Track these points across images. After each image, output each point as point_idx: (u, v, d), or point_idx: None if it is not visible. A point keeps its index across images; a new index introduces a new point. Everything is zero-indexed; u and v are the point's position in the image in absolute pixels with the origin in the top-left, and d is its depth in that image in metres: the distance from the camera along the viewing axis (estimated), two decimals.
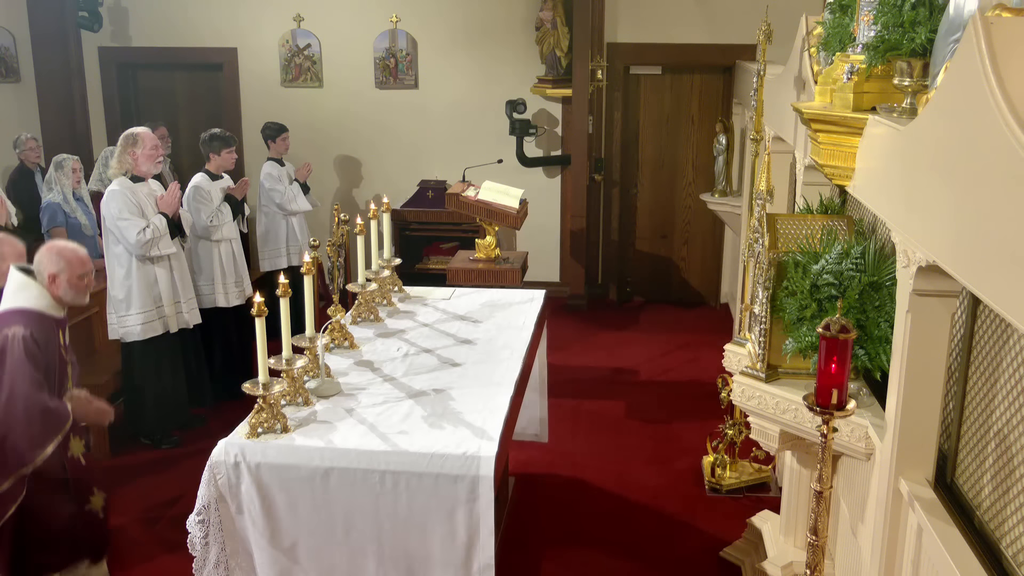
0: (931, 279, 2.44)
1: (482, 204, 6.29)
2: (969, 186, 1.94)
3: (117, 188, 5.34)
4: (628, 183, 8.71)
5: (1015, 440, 2.31)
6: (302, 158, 7.93)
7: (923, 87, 2.59)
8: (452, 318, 4.52)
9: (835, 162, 2.96)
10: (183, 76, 9.11)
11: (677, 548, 4.66)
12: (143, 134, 5.42)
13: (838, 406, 2.51)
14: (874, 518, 2.84)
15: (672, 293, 8.84)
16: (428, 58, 8.58)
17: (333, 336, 4.04)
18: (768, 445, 3.43)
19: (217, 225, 6.00)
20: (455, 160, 8.40)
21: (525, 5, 8.36)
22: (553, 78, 8.28)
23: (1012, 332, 2.36)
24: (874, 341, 3.02)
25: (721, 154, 7.80)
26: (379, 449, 3.14)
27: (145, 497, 5.08)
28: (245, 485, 3.19)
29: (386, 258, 4.72)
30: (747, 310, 4.13)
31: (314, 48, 8.67)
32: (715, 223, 8.43)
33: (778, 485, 5.05)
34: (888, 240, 3.01)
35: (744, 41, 7.62)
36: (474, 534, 3.13)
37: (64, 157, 6.41)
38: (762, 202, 3.40)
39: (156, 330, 5.49)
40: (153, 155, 5.43)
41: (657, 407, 6.34)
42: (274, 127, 7.19)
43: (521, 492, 5.18)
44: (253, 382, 3.24)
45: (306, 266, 3.47)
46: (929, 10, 2.55)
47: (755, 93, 5.06)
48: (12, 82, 8.84)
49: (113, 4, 8.78)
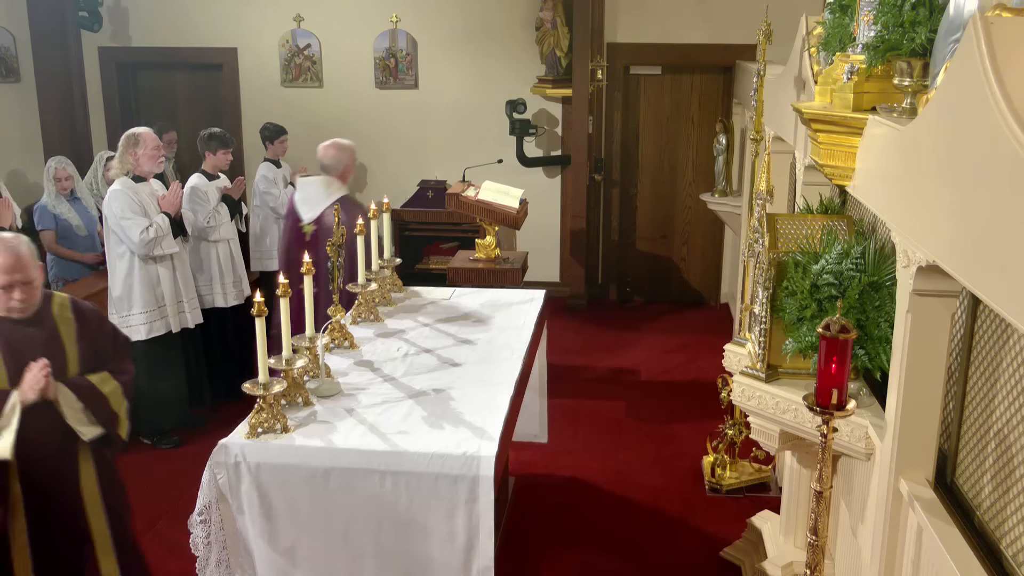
0: (931, 279, 2.44)
1: (482, 204, 6.28)
2: (969, 186, 1.94)
3: (119, 188, 5.34)
4: (628, 183, 8.71)
5: (1015, 440, 2.31)
6: (302, 159, 7.92)
7: (923, 87, 2.59)
8: (452, 318, 4.52)
9: (835, 162, 2.96)
10: (183, 76, 9.11)
11: (677, 548, 4.66)
12: (144, 134, 5.42)
13: (838, 406, 2.51)
14: (874, 518, 2.84)
15: (672, 293, 8.84)
16: (428, 58, 8.58)
17: (333, 336, 4.04)
18: (768, 445, 3.43)
19: (214, 226, 6.00)
20: (455, 160, 8.40)
21: (525, 5, 8.36)
22: (553, 78, 8.28)
23: (1012, 332, 2.35)
24: (874, 341, 3.02)
25: (721, 154, 7.80)
26: (379, 449, 3.14)
27: (145, 497, 5.08)
28: (245, 485, 3.18)
29: (386, 258, 4.72)
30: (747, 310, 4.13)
31: (314, 48, 8.67)
32: (715, 223, 8.43)
33: (778, 485, 5.05)
34: (888, 240, 3.01)
35: (744, 41, 7.62)
36: (474, 534, 3.13)
37: (50, 162, 6.46)
38: (762, 202, 3.40)
39: (159, 329, 5.50)
40: (154, 155, 5.44)
41: (657, 407, 6.34)
42: (273, 128, 7.19)
43: (521, 492, 5.18)
44: (253, 382, 3.24)
45: (306, 266, 3.47)
46: (929, 10, 2.55)
47: (755, 93, 5.06)
48: (12, 82, 8.84)
49: (113, 4, 8.78)
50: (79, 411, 3.27)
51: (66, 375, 3.29)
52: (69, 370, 3.31)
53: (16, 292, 3.17)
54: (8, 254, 3.15)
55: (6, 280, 3.15)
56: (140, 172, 5.41)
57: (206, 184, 6.06)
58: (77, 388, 3.28)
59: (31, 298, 3.23)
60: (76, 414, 3.26)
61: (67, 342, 3.33)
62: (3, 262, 3.13)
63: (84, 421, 3.28)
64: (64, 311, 3.37)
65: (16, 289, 3.17)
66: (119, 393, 3.40)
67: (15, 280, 3.16)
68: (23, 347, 3.22)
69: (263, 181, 7.02)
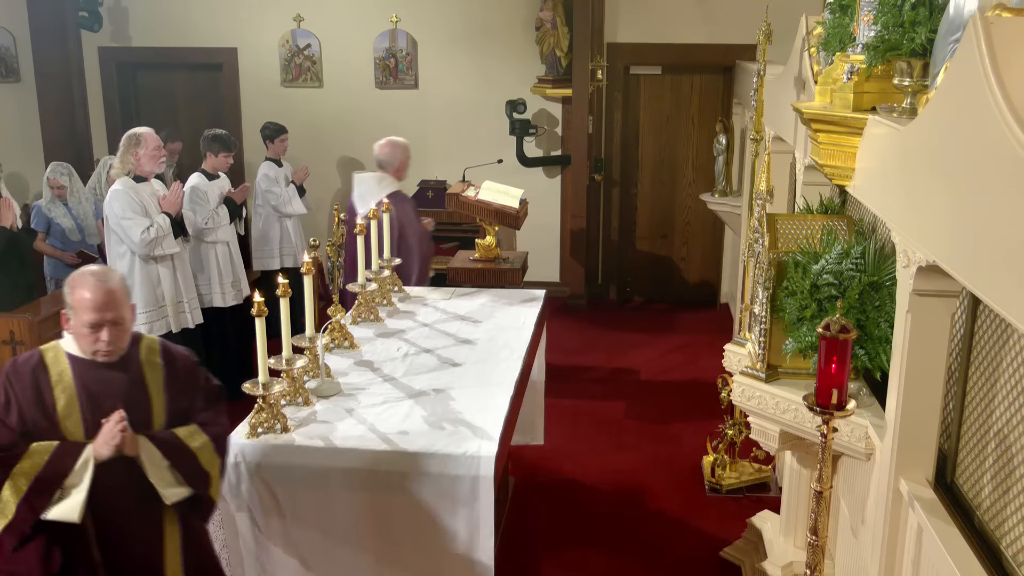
0: (931, 279, 2.44)
1: (482, 204, 6.28)
2: (969, 186, 1.94)
3: (120, 188, 5.34)
4: (628, 183, 8.71)
5: (1015, 440, 2.31)
6: (302, 158, 7.93)
7: (923, 87, 2.59)
8: (452, 318, 4.52)
9: (835, 162, 2.96)
10: (183, 76, 9.10)
11: (677, 548, 4.66)
12: (146, 134, 5.42)
13: (838, 406, 2.51)
14: (874, 518, 2.84)
15: (672, 293, 8.84)
16: (428, 58, 8.58)
17: (333, 336, 4.04)
18: (768, 445, 3.43)
19: (212, 227, 5.99)
20: (455, 160, 8.39)
21: (525, 5, 8.35)
22: (553, 78, 8.28)
23: (1012, 332, 2.35)
24: (874, 341, 3.02)
25: (721, 154, 7.80)
26: (379, 449, 3.14)
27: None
28: (245, 485, 3.19)
29: (386, 258, 4.72)
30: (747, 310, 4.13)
31: (314, 48, 8.67)
32: (715, 223, 8.43)
33: (778, 485, 5.05)
34: (888, 240, 3.01)
35: (744, 41, 7.61)
36: (474, 534, 3.13)
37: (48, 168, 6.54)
38: (762, 202, 3.40)
39: (160, 329, 5.49)
40: (156, 155, 5.44)
41: (657, 407, 6.34)
42: (273, 127, 7.19)
43: (521, 492, 5.18)
44: (253, 382, 3.24)
45: (306, 266, 3.47)
46: (929, 10, 2.55)
47: (755, 93, 5.06)
48: (12, 82, 8.84)
49: (113, 4, 8.77)
50: (163, 469, 2.84)
51: (150, 427, 2.89)
52: (154, 422, 2.91)
53: (104, 333, 2.78)
54: (98, 289, 2.76)
55: (95, 319, 2.76)
56: (141, 172, 5.41)
57: (206, 184, 6.06)
58: (162, 443, 2.86)
59: (120, 340, 2.84)
60: (160, 472, 2.83)
61: (153, 390, 2.93)
62: (92, 298, 2.75)
63: (169, 481, 2.85)
64: (152, 355, 2.97)
65: (105, 329, 2.78)
66: (210, 449, 2.94)
67: (105, 319, 2.77)
68: (103, 394, 2.83)
69: (264, 180, 7.02)
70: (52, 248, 6.48)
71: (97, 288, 2.76)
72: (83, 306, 2.75)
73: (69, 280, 2.82)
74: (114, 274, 2.89)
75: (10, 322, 5.30)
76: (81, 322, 2.77)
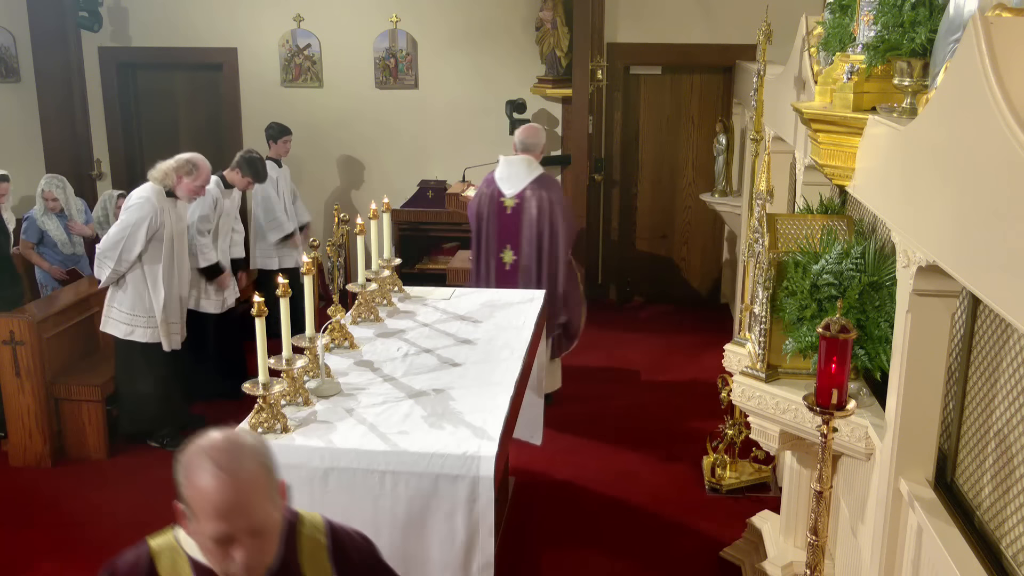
0: (931, 279, 2.44)
1: None
2: (969, 186, 1.94)
3: (146, 198, 5.37)
4: (628, 183, 8.71)
5: (1015, 440, 2.31)
6: (302, 158, 7.93)
7: (923, 87, 2.59)
8: (452, 318, 4.51)
9: (835, 162, 2.96)
10: (183, 76, 9.10)
11: (677, 548, 4.66)
12: (203, 168, 5.48)
13: (838, 406, 2.52)
14: (874, 518, 2.84)
15: (672, 293, 8.83)
16: (428, 58, 8.58)
17: (333, 336, 4.04)
18: (768, 445, 3.43)
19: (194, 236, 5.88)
20: (455, 160, 8.40)
21: (525, 5, 8.35)
22: (553, 78, 8.27)
23: (1012, 332, 2.36)
24: (874, 341, 3.02)
25: (721, 154, 7.80)
26: (379, 449, 3.14)
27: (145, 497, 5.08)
28: None
29: (386, 258, 4.72)
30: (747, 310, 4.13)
31: (314, 48, 8.67)
32: (715, 223, 8.43)
33: (778, 485, 5.05)
34: (888, 240, 3.01)
35: (744, 41, 7.62)
36: (474, 534, 3.13)
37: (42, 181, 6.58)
38: (762, 202, 3.40)
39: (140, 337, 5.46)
40: (198, 191, 5.52)
41: (657, 407, 6.34)
42: (278, 128, 7.20)
43: (521, 492, 5.18)
44: (253, 382, 3.24)
45: (306, 266, 3.47)
46: (929, 10, 2.55)
47: (755, 93, 5.06)
48: (12, 82, 8.84)
49: (113, 4, 8.77)
50: None
51: None
52: None
53: (238, 550, 1.76)
54: (226, 487, 1.73)
55: (222, 530, 1.75)
56: (176, 193, 5.47)
57: (217, 192, 6.00)
58: None
59: (264, 555, 1.83)
60: None
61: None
62: (217, 500, 1.73)
63: None
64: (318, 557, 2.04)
65: (238, 544, 1.76)
66: None
67: (238, 529, 1.75)
68: None
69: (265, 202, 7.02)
70: (42, 260, 6.52)
71: (224, 487, 1.73)
72: (204, 509, 1.75)
73: (184, 459, 1.80)
74: (246, 449, 1.81)
75: (10, 322, 5.31)
76: (203, 532, 1.77)
